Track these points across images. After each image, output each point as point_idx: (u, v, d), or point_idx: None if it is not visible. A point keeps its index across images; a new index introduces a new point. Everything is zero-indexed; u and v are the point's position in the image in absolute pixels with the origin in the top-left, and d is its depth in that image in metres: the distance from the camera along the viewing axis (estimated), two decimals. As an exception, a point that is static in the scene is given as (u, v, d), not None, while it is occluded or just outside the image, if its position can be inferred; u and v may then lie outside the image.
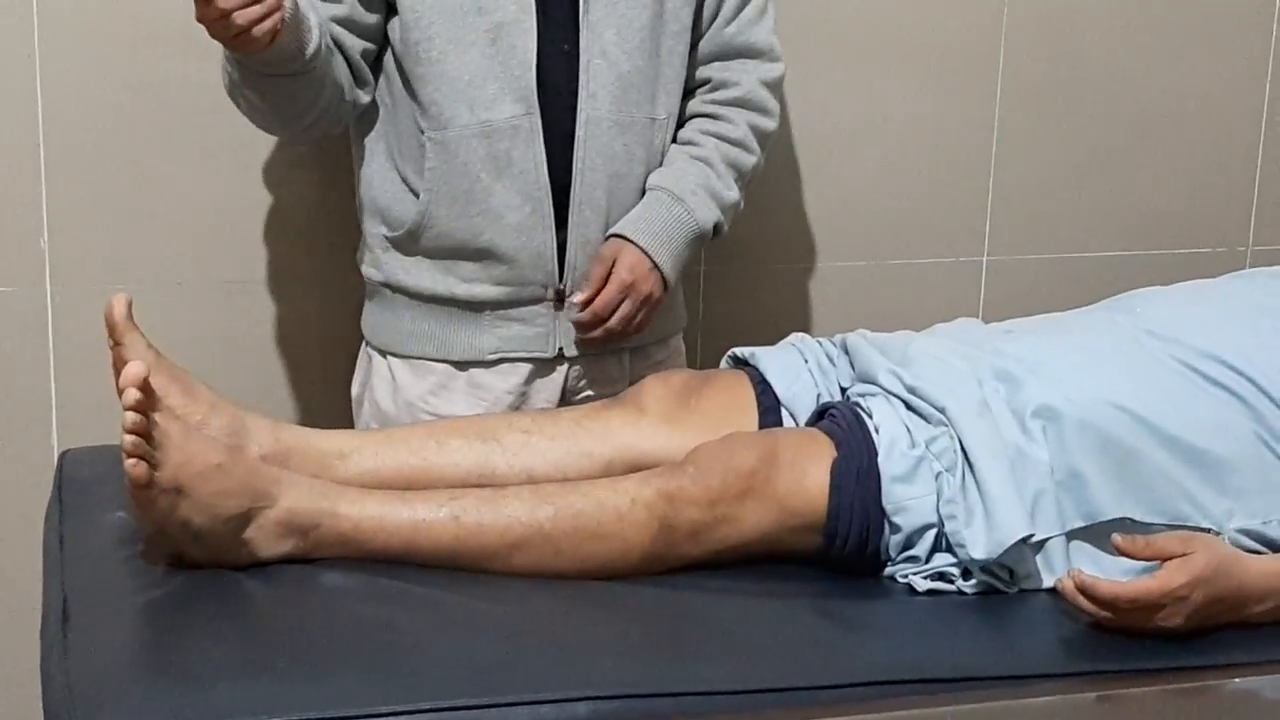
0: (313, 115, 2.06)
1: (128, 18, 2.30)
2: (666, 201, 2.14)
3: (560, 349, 2.17)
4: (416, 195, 2.10)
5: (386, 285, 2.19)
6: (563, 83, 2.07)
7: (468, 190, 2.08)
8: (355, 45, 2.08)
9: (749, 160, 2.22)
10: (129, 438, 1.58)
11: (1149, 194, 2.82)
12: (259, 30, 1.84)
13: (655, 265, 2.12)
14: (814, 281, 2.68)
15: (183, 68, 2.31)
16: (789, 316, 2.67)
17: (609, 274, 2.11)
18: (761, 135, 2.23)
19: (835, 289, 2.68)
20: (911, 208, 2.70)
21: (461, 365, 2.16)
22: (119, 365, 1.68)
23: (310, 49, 1.96)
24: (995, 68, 2.68)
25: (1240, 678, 1.66)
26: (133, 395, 1.58)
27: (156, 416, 1.62)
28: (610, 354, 2.21)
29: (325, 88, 2.04)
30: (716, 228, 2.19)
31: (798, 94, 2.57)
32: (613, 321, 2.12)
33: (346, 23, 2.07)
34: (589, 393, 2.20)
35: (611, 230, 2.13)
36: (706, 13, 2.18)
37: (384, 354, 2.21)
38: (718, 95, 2.21)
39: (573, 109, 2.08)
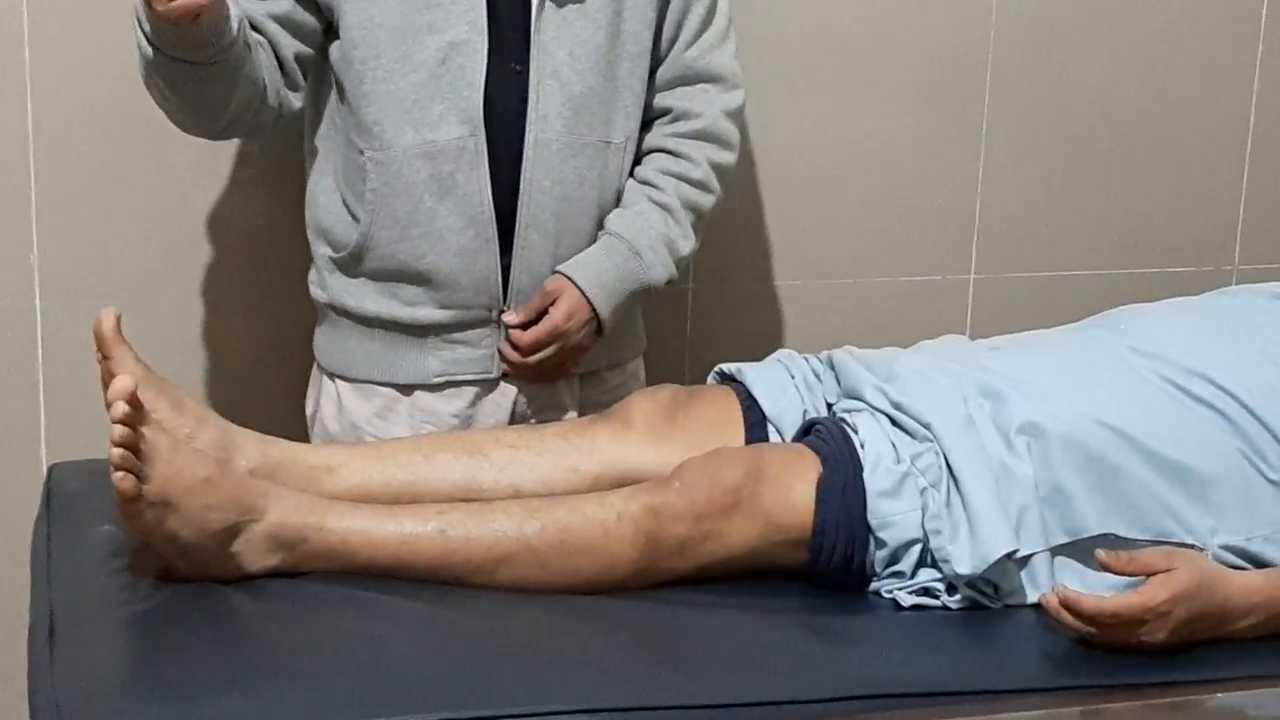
0: (228, 114, 1.97)
1: (118, 34, 2.29)
2: (623, 252, 2.09)
3: (505, 370, 2.13)
4: (355, 218, 2.07)
5: (331, 307, 2.14)
6: (512, 103, 2.03)
7: (410, 212, 2.04)
8: (290, 45, 2.03)
9: (708, 201, 2.16)
10: (117, 451, 1.59)
11: (1136, 213, 2.83)
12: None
13: (595, 314, 2.08)
14: (801, 299, 2.68)
15: (173, 83, 2.31)
16: (776, 333, 2.68)
17: (547, 309, 2.07)
18: (721, 171, 2.17)
19: (822, 306, 2.69)
20: (899, 226, 2.71)
21: (406, 389, 2.12)
22: (107, 379, 1.68)
23: (226, 39, 1.87)
24: (982, 87, 2.69)
25: (1223, 693, 1.66)
26: (121, 409, 1.58)
27: (145, 430, 1.62)
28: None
29: (240, 85, 1.95)
30: (667, 281, 2.14)
31: (786, 112, 2.58)
32: (532, 361, 2.09)
33: (284, 21, 2.01)
34: (535, 419, 2.15)
35: (562, 268, 2.08)
36: (666, 35, 2.13)
37: (331, 376, 2.17)
38: (679, 127, 2.15)
39: (521, 130, 2.04)
